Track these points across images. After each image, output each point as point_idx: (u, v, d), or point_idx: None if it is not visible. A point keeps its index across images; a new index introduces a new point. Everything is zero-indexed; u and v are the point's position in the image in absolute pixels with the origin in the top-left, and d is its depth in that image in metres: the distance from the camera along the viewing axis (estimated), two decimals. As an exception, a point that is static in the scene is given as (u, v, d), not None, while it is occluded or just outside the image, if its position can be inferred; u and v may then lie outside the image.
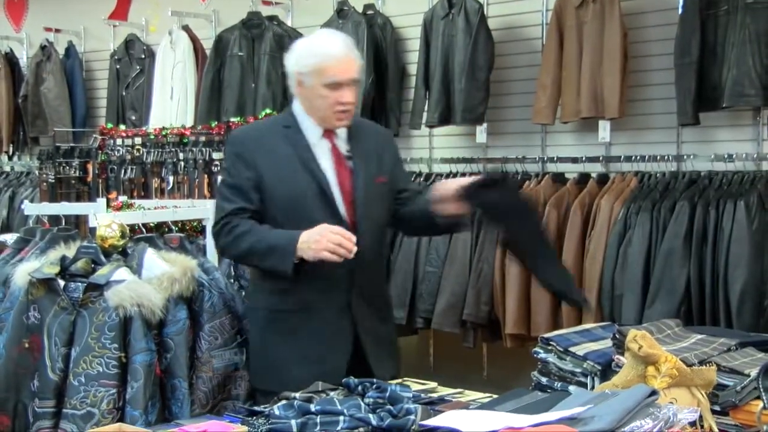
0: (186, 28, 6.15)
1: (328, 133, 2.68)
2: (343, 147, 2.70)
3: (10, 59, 7.16)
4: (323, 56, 2.61)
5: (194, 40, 6.11)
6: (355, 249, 2.48)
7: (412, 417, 1.95)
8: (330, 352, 2.63)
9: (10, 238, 4.47)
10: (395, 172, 2.79)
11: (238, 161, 2.66)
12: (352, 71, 2.64)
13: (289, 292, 2.64)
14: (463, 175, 4.95)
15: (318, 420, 1.98)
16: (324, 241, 2.47)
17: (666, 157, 4.37)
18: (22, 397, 2.75)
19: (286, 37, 5.59)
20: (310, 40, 2.73)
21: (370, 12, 5.34)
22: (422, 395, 2.28)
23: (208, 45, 5.96)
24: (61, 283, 2.77)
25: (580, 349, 2.36)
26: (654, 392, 1.91)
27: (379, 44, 5.26)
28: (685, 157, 4.36)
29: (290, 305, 2.65)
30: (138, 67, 6.44)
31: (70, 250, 2.88)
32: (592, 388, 2.24)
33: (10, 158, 7.30)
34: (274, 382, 2.60)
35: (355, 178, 2.65)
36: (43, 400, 2.69)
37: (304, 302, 2.63)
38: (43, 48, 6.88)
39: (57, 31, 7.01)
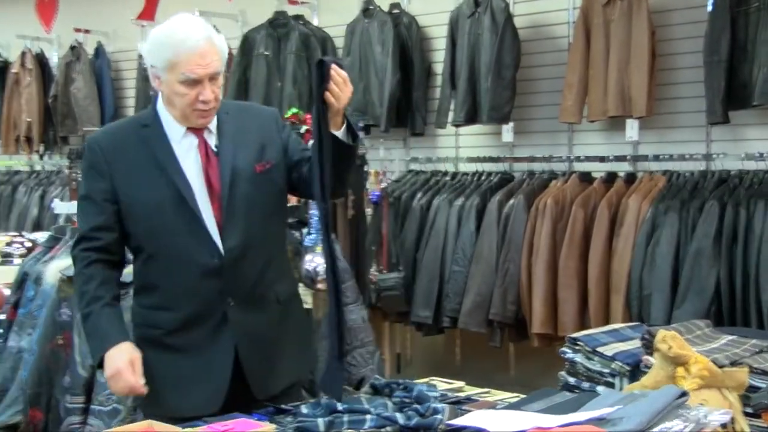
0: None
1: (195, 129, 2.34)
2: (213, 140, 2.36)
3: (41, 60, 7.25)
4: (175, 49, 2.25)
5: (221, 39, 6.13)
6: (143, 390, 2.22)
7: (440, 416, 1.95)
8: (208, 375, 2.32)
9: (41, 236, 4.54)
10: (287, 149, 2.43)
11: (91, 171, 2.36)
12: (212, 65, 2.27)
13: (161, 309, 2.35)
14: (489, 175, 4.96)
15: (345, 419, 1.98)
16: (113, 385, 2.24)
17: (695, 156, 4.33)
18: (55, 393, 2.80)
19: (312, 37, 5.62)
20: (162, 30, 2.34)
21: (395, 11, 5.34)
22: (449, 394, 2.27)
23: (234, 45, 5.98)
24: (91, 281, 2.79)
25: (609, 350, 2.34)
26: (684, 393, 1.89)
27: (405, 43, 5.26)
28: (714, 156, 4.31)
29: (164, 324, 2.35)
30: (165, 67, 6.48)
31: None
32: (621, 388, 2.22)
33: (41, 157, 7.39)
34: (154, 408, 2.31)
35: (222, 173, 2.32)
36: (74, 396, 2.74)
37: (178, 320, 2.33)
38: (72, 48, 6.96)
39: (86, 31, 7.08)
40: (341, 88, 2.20)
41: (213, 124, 2.36)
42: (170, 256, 2.31)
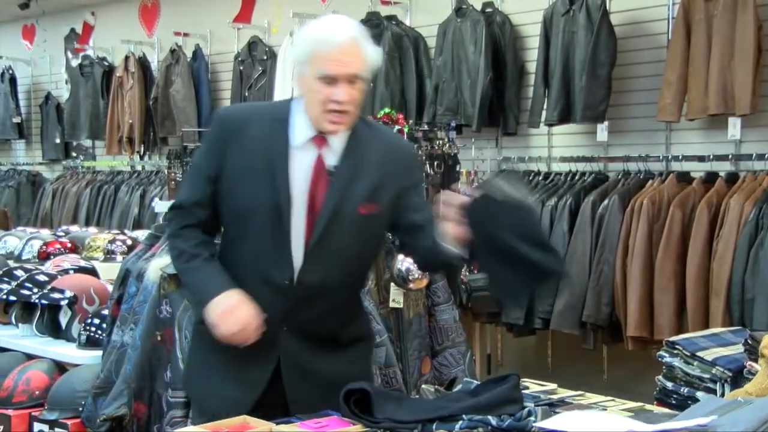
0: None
1: (319, 140, 2.20)
2: (331, 160, 2.21)
3: (143, 63, 7.50)
4: (320, 43, 2.15)
5: (315, 41, 6.21)
6: (256, 328, 2.16)
7: (533, 418, 1.93)
8: (244, 378, 2.25)
9: (141, 234, 4.70)
10: (401, 201, 2.26)
11: (213, 144, 2.28)
12: (353, 65, 2.14)
13: None
14: (583, 174, 4.88)
15: (436, 419, 1.98)
16: (224, 324, 2.15)
17: (802, 155, 4.17)
18: (157, 387, 2.89)
19: (405, 37, 5.63)
20: (311, 25, 2.25)
21: (488, 10, 5.31)
22: (542, 396, 2.25)
23: (328, 46, 6.05)
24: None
25: (709, 354, 2.27)
26: (790, 401, 1.81)
27: (498, 42, 5.22)
28: (822, 154, 4.15)
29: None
30: (260, 68, 6.62)
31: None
32: (722, 394, 2.15)
33: (141, 158, 7.65)
34: (194, 397, 2.40)
35: (327, 200, 2.18)
36: (175, 391, 2.82)
37: None
38: (172, 52, 7.18)
39: (185, 35, 7.29)
40: None
41: (338, 143, 2.21)
42: (246, 255, 2.23)
